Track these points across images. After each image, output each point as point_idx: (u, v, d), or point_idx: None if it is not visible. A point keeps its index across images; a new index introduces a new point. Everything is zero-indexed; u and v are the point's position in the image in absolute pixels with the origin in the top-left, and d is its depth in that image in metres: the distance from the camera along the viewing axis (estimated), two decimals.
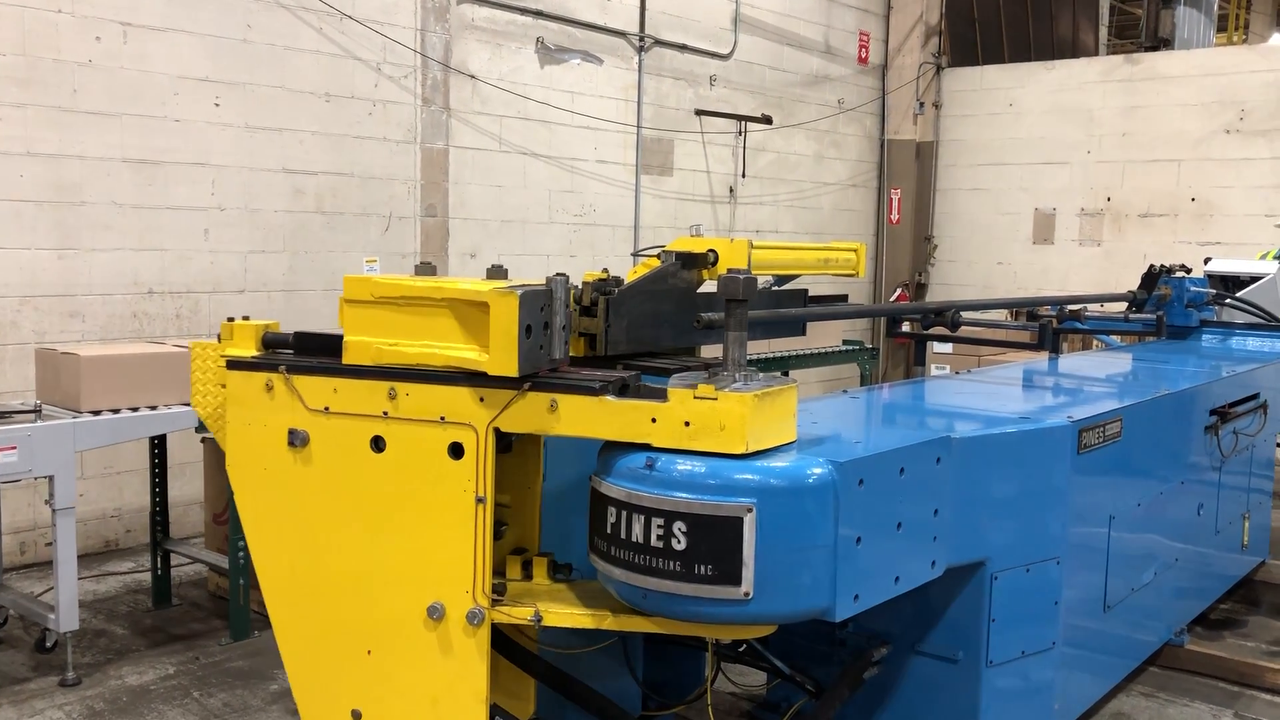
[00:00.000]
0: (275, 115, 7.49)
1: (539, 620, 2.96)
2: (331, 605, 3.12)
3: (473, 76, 8.73)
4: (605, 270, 3.56)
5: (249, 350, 3.22)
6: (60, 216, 6.57)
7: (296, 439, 3.06)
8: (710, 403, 2.81)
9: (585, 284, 3.40)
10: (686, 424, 2.82)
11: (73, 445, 4.78)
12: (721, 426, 2.81)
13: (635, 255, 4.09)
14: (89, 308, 6.73)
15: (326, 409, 3.05)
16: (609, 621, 3.02)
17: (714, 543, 2.77)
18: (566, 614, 3.02)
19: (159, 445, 5.86)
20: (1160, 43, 12.96)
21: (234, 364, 3.18)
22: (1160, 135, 11.67)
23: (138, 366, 5.14)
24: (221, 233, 7.30)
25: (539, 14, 9.18)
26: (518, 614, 2.98)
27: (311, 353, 3.16)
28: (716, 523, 2.76)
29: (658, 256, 3.69)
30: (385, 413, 2.99)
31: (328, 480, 3.08)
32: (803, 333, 4.43)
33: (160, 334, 7.00)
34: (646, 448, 2.86)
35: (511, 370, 2.83)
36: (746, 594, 2.78)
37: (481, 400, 2.91)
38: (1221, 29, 20.22)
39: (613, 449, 2.93)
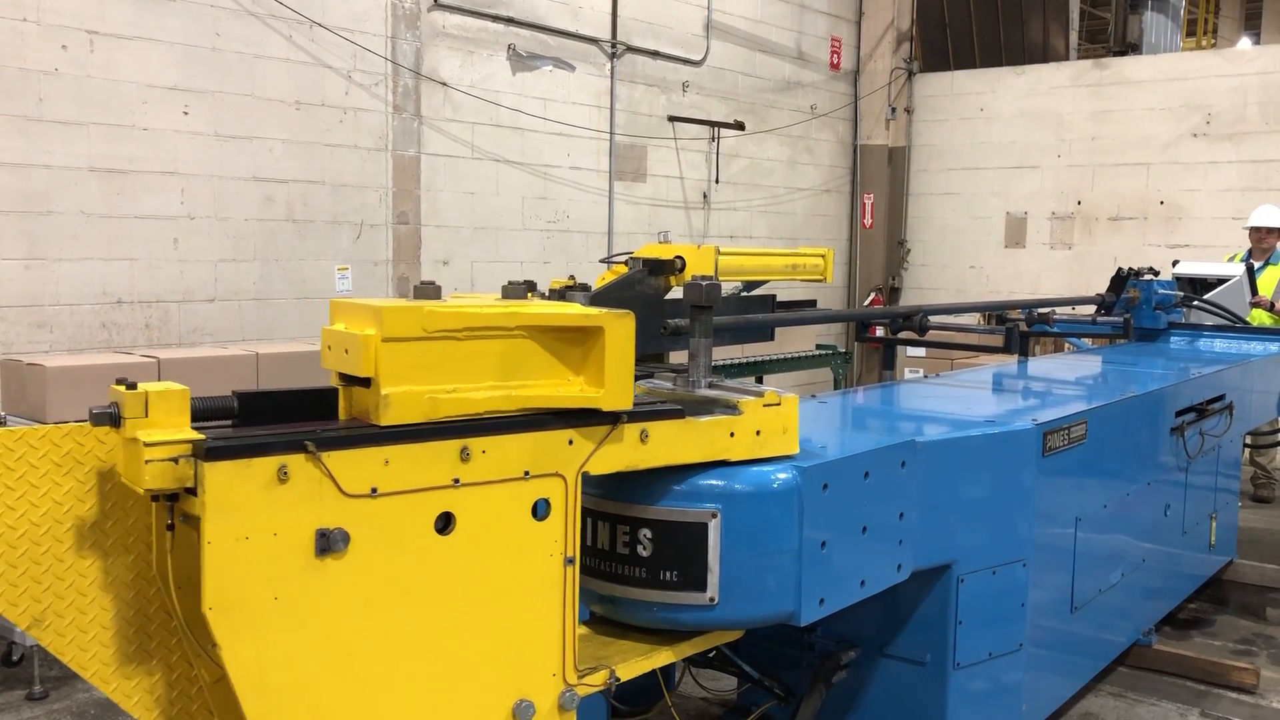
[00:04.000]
0: (245, 123, 7.45)
1: (616, 680, 2.71)
2: None
3: (444, 83, 8.72)
4: (572, 278, 3.57)
5: (179, 430, 2.13)
6: (27, 226, 6.52)
7: (334, 542, 2.19)
8: (776, 408, 2.90)
9: (552, 291, 3.41)
10: (758, 433, 2.87)
11: None
12: (784, 429, 2.91)
13: (604, 262, 4.10)
14: (57, 318, 6.68)
15: (374, 490, 2.24)
16: (669, 654, 2.90)
17: (679, 549, 2.79)
18: (637, 663, 2.82)
19: None
20: (1129, 48, 13.09)
21: (217, 451, 2.08)
22: (1129, 139, 11.77)
23: (104, 377, 5.03)
24: (191, 241, 7.26)
25: (510, 21, 9.18)
26: (596, 680, 2.69)
27: (273, 418, 2.30)
28: (681, 529, 2.78)
29: (625, 263, 3.72)
30: (456, 480, 2.35)
31: (372, 590, 2.27)
32: (771, 338, 4.46)
33: (130, 344, 6.95)
34: (723, 464, 2.84)
35: (627, 403, 2.57)
36: (712, 599, 2.79)
37: (570, 443, 2.53)
38: (1191, 33, 20.45)
39: None
